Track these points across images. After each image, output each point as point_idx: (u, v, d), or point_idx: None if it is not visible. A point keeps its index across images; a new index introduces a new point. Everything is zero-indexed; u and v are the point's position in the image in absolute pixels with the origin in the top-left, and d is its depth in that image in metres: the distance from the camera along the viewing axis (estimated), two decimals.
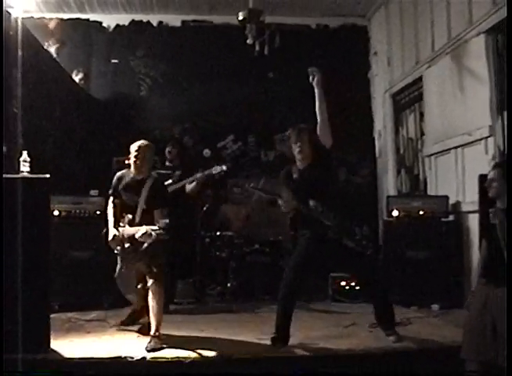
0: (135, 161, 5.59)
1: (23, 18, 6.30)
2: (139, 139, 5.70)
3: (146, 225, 5.25)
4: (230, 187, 9.38)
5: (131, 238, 5.36)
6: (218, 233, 8.08)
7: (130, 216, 5.48)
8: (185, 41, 9.77)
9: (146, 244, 5.21)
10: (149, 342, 5.06)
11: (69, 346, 5.03)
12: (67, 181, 7.60)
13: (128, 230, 5.43)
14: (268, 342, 5.14)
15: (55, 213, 7.05)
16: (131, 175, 5.68)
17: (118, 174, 5.83)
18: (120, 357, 4.73)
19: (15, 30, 5.98)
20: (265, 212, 8.41)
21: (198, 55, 9.71)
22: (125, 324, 6.01)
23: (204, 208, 7.88)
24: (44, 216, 5.04)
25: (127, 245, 5.44)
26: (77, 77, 8.80)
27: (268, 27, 7.02)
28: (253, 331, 5.68)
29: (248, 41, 6.98)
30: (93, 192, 7.56)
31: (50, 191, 5.09)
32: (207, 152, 9.65)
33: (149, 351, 4.89)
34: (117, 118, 9.46)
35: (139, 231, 5.20)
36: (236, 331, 5.75)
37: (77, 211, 7.22)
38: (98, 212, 7.17)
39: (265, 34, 7.01)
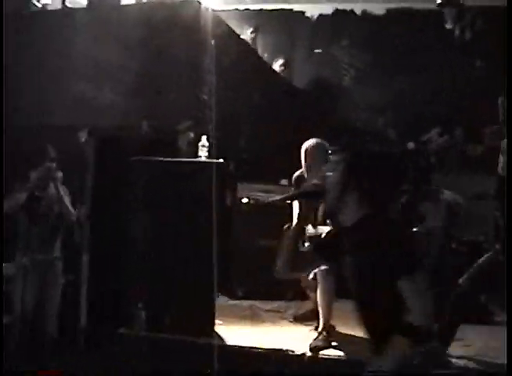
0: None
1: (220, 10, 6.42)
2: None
3: None
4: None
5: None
6: None
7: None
8: (389, 29, 9.37)
9: None
10: (315, 339, 4.81)
11: (237, 333, 5.01)
12: (258, 169, 7.60)
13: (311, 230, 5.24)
14: None
15: (244, 200, 7.09)
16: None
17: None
18: (280, 350, 4.62)
19: (204, 20, 6.11)
20: None
21: (403, 44, 9.26)
22: (298, 320, 5.73)
23: None
24: (223, 202, 5.09)
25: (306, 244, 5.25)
26: (276, 64, 8.83)
27: (468, 10, 6.49)
28: None
29: (447, 26, 6.52)
30: (283, 181, 7.49)
31: (227, 176, 5.13)
32: (410, 145, 9.22)
33: (311, 349, 4.67)
34: (319, 108, 9.32)
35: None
36: None
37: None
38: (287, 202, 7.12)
39: (465, 18, 6.48)
